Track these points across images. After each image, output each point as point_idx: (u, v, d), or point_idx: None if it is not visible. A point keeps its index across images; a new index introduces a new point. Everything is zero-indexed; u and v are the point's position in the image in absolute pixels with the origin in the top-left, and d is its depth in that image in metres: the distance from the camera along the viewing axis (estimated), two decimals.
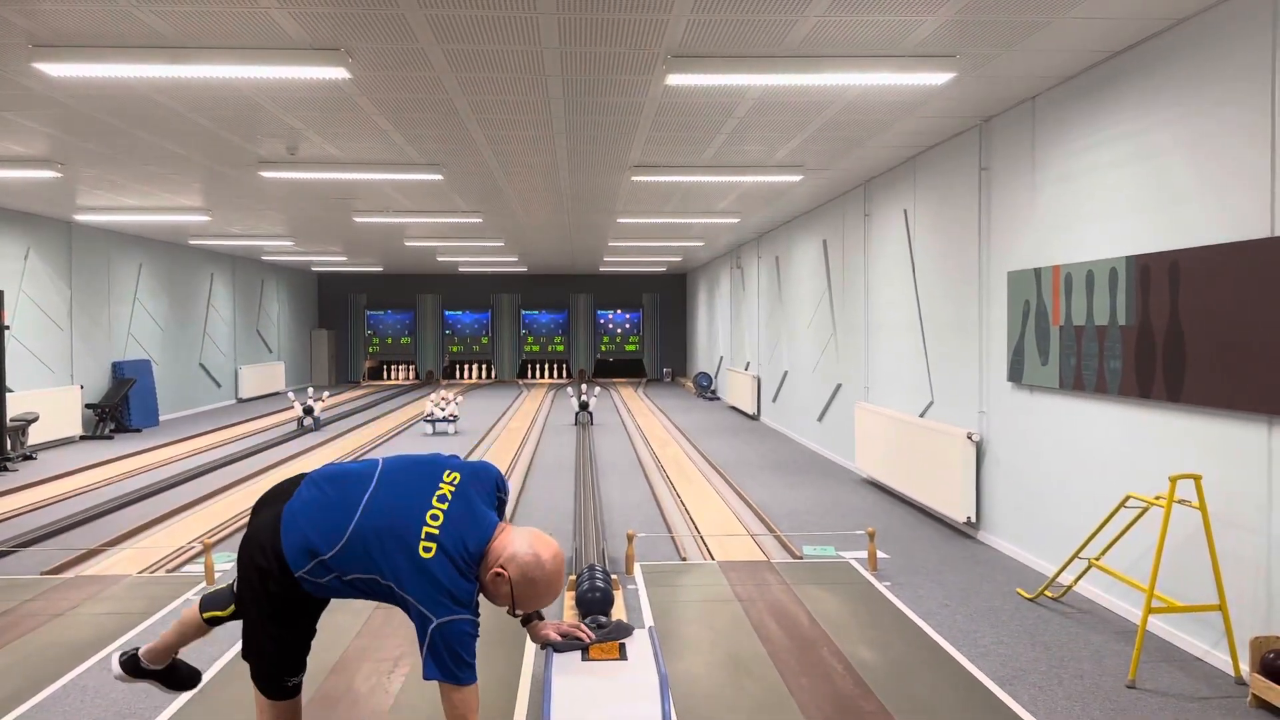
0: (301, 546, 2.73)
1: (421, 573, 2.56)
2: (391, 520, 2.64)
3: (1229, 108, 4.42)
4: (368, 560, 2.65)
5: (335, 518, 2.70)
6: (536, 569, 2.66)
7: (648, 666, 2.90)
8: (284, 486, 2.89)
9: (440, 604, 2.54)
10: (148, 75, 5.64)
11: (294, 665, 2.93)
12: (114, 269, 14.82)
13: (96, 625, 5.23)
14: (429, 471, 2.76)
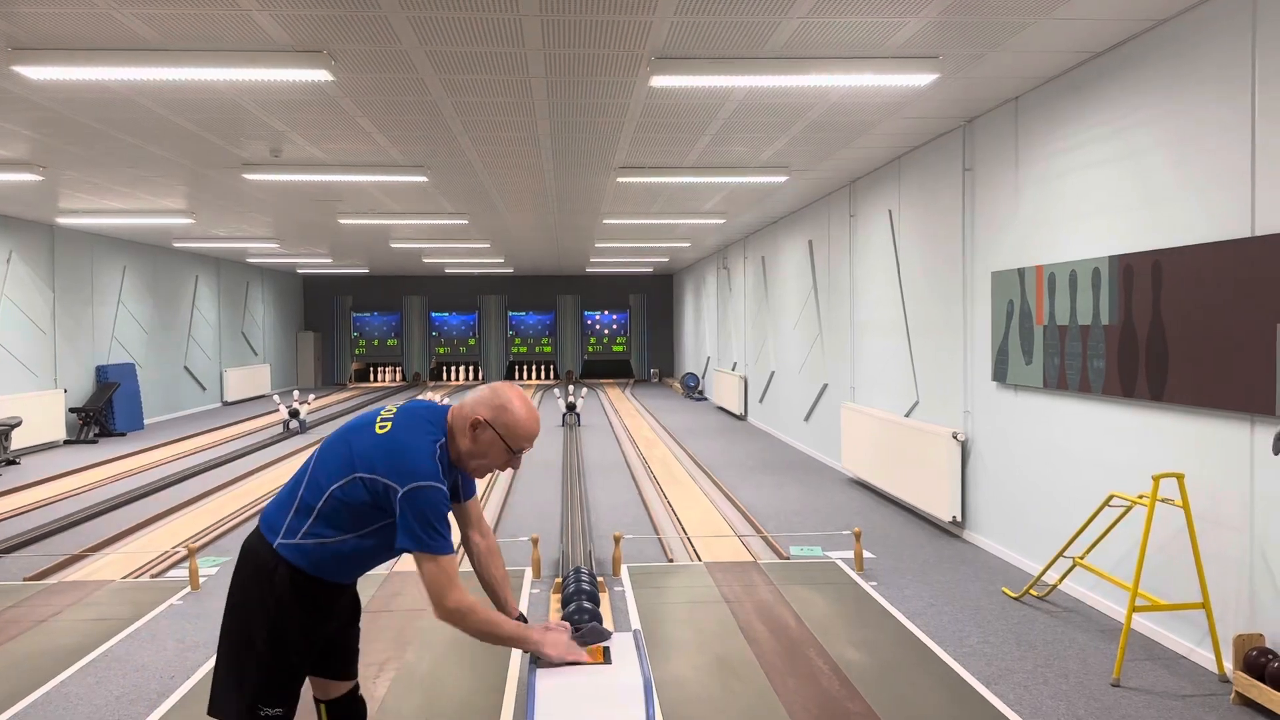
0: (272, 519, 2.54)
1: (380, 446, 2.45)
2: (336, 442, 2.55)
3: (1209, 108, 4.44)
4: (331, 469, 2.48)
5: (288, 485, 2.59)
6: (508, 402, 2.55)
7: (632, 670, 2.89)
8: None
9: (405, 475, 2.40)
10: (129, 78, 5.61)
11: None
12: (97, 272, 14.73)
13: (80, 631, 5.19)
14: (364, 420, 2.63)
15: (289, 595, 2.48)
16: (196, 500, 9.01)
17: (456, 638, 4.98)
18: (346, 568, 2.56)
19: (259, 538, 2.54)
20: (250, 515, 8.27)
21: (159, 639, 5.06)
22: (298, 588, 2.49)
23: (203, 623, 5.33)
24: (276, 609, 2.48)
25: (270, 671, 2.49)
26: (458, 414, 2.57)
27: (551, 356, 26.51)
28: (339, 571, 2.56)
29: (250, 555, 2.54)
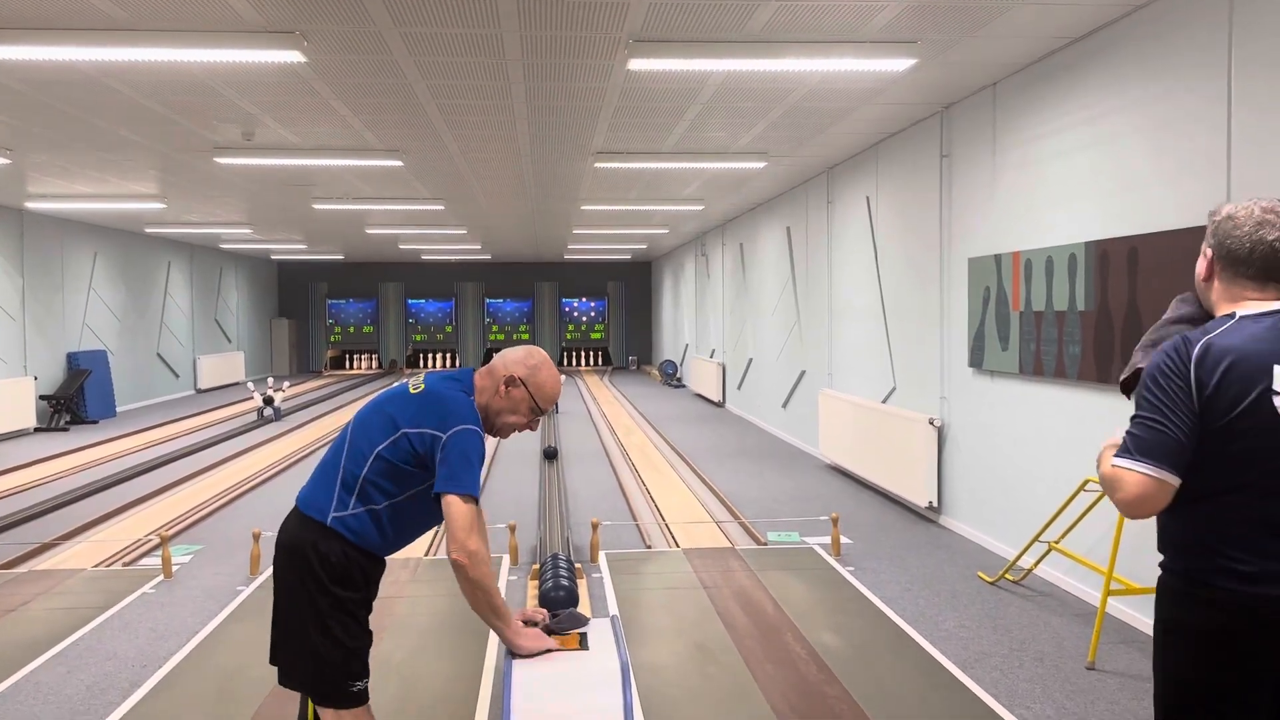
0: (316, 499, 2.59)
1: (422, 402, 2.58)
2: (372, 413, 2.64)
3: (1185, 94, 4.45)
4: (373, 434, 2.57)
5: (323, 465, 2.64)
6: (542, 362, 2.72)
7: (609, 655, 2.88)
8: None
9: (449, 419, 2.54)
10: (98, 59, 5.51)
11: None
12: (68, 258, 14.53)
13: (50, 621, 5.13)
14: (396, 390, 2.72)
15: (348, 568, 2.55)
16: (169, 488, 8.91)
17: (433, 626, 4.95)
18: (390, 537, 2.62)
19: (305, 523, 2.57)
20: (224, 503, 8.19)
21: (131, 628, 5.00)
22: (351, 560, 2.56)
23: (175, 611, 5.27)
24: (341, 585, 2.54)
25: (352, 643, 2.58)
26: (488, 374, 2.70)
27: (529, 344, 26.36)
28: (384, 543, 2.62)
29: (300, 546, 2.55)
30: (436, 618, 5.06)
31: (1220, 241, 2.08)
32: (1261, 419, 1.91)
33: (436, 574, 5.87)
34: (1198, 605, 2.00)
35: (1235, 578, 1.95)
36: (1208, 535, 1.99)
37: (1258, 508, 1.94)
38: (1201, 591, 1.99)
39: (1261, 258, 2.02)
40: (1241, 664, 1.96)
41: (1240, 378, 1.93)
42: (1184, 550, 2.04)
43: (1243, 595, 1.94)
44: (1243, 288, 2.06)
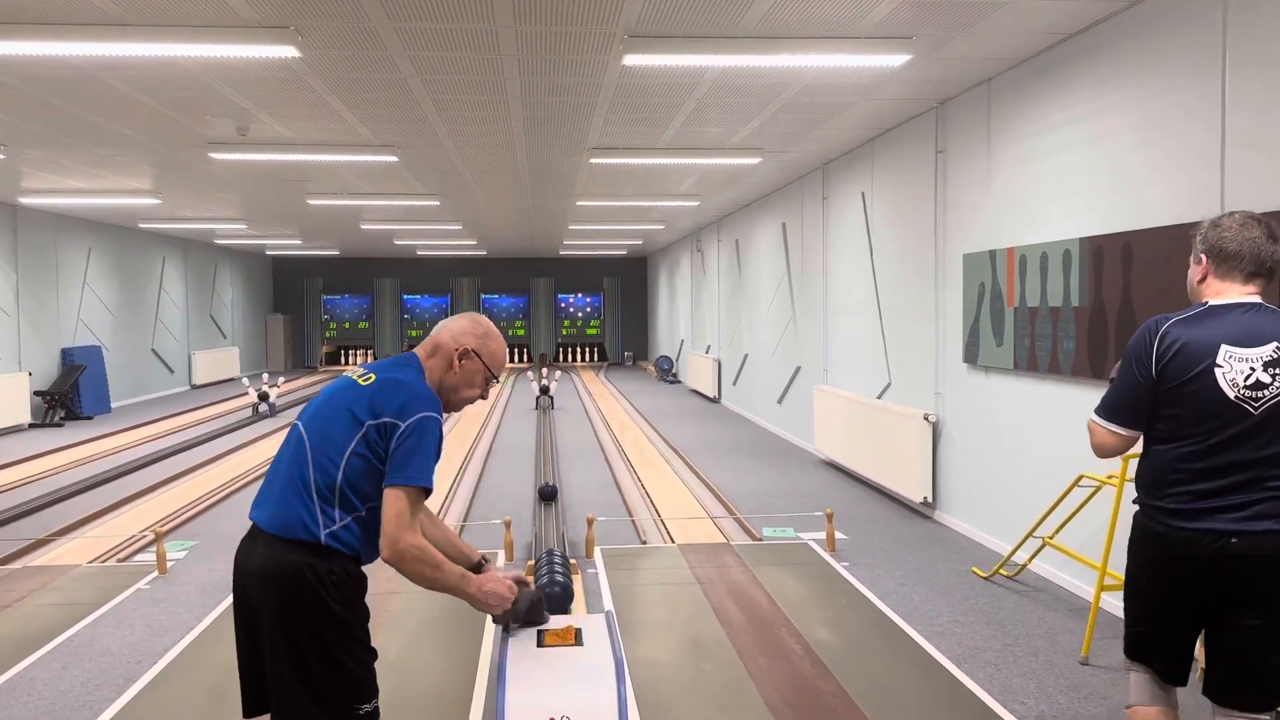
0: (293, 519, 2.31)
1: (377, 391, 2.37)
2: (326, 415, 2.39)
3: (1180, 91, 4.46)
4: (338, 436, 2.32)
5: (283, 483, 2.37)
6: (490, 329, 2.61)
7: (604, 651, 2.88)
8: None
9: (410, 406, 2.33)
10: (92, 54, 5.49)
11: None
12: (62, 253, 14.49)
13: (45, 617, 5.12)
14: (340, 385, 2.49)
15: (350, 585, 2.34)
16: (164, 484, 8.90)
17: (427, 621, 4.95)
18: (371, 543, 2.38)
19: (291, 547, 2.28)
20: (218, 499, 8.19)
21: (126, 624, 5.00)
22: (351, 576, 2.35)
23: (170, 607, 5.27)
24: (346, 606, 2.32)
25: (357, 668, 2.34)
26: (433, 350, 2.54)
27: (525, 339, 26.42)
28: (368, 550, 2.39)
29: (291, 573, 2.27)
30: (431, 613, 5.07)
31: (1213, 245, 2.58)
32: (1205, 386, 2.46)
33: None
34: (1148, 534, 2.60)
35: (1174, 513, 2.51)
36: (1159, 475, 2.55)
37: (1200, 460, 2.47)
38: (1151, 522, 2.58)
39: (1250, 253, 2.53)
40: (1183, 584, 2.53)
41: (1191, 353, 2.48)
42: (1143, 485, 2.62)
43: (1177, 528, 2.50)
44: (1233, 281, 2.55)
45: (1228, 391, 2.45)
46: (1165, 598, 2.59)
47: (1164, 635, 2.63)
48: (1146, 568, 2.64)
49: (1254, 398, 2.44)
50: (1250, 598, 2.47)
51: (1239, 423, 2.44)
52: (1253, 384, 2.44)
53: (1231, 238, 2.54)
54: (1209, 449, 2.46)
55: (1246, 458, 2.44)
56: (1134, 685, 2.74)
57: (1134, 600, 2.72)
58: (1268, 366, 2.44)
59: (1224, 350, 2.46)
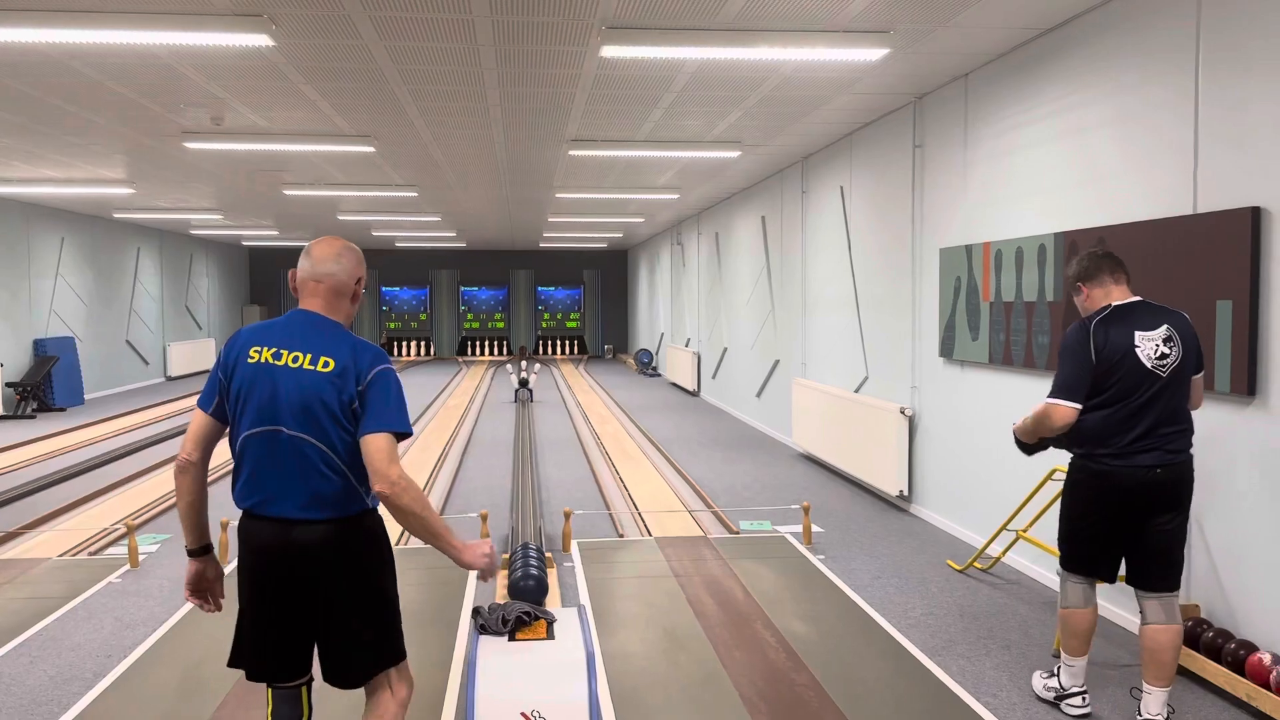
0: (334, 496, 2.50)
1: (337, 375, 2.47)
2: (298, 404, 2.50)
3: (1153, 86, 4.48)
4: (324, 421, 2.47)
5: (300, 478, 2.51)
6: (347, 248, 2.63)
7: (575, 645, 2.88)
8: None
9: (367, 364, 2.49)
10: (62, 40, 5.41)
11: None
12: (34, 243, 14.31)
13: (14, 610, 5.06)
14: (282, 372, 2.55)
15: (385, 532, 2.65)
16: (137, 477, 8.82)
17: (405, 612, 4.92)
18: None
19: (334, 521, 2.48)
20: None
21: (96, 617, 4.95)
22: (382, 525, 2.65)
23: (142, 600, 5.22)
24: (388, 548, 2.65)
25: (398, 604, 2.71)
26: (334, 295, 2.59)
27: (504, 332, 26.34)
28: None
29: (347, 539, 2.51)
30: (404, 609, 5.03)
31: (1078, 274, 3.64)
32: (1129, 363, 3.41)
33: (404, 564, 5.83)
34: (1091, 473, 3.51)
35: (1113, 456, 3.44)
36: (1100, 430, 3.46)
37: (1130, 417, 3.42)
38: (1094, 464, 3.49)
39: (1106, 263, 3.57)
40: (1119, 506, 3.47)
41: (1117, 341, 3.43)
42: (1087, 440, 3.50)
43: (1116, 466, 3.44)
44: (1108, 288, 3.56)
45: (1146, 364, 3.40)
46: (1106, 518, 3.50)
47: (1102, 549, 3.56)
48: (1090, 499, 3.53)
49: (1161, 366, 3.41)
50: (1166, 505, 3.45)
51: (1154, 386, 3.40)
52: (1159, 356, 3.41)
53: (1084, 261, 3.61)
54: (1138, 408, 3.40)
55: (1161, 410, 3.41)
56: (1070, 592, 3.65)
57: (1077, 528, 3.60)
58: (1165, 342, 3.42)
59: (1138, 335, 3.43)
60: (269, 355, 2.50)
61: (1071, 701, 3.71)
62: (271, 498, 2.50)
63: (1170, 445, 3.43)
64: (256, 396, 2.49)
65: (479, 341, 26.28)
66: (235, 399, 2.52)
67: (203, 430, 2.58)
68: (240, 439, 2.52)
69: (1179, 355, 3.42)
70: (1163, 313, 3.50)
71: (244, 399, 2.50)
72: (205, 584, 2.69)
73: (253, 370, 2.50)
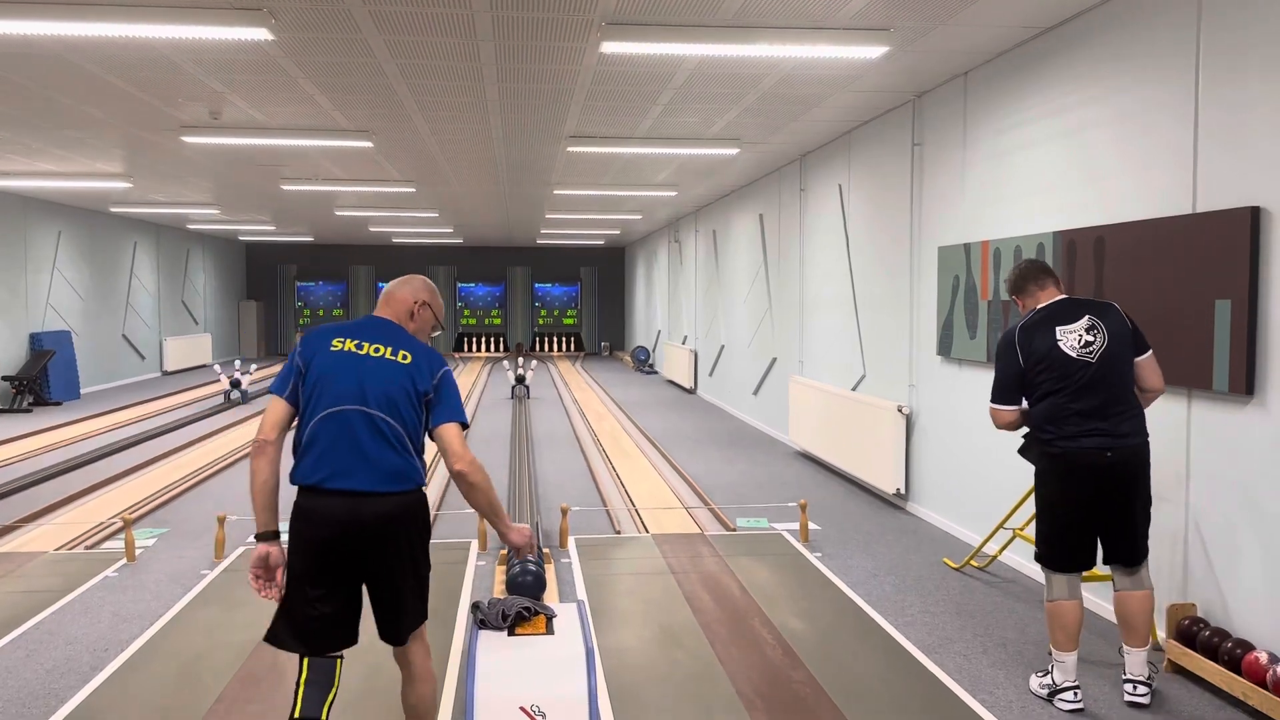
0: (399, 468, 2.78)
1: (415, 366, 2.85)
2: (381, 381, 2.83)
3: (1153, 86, 4.48)
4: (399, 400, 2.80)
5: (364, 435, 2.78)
6: (431, 283, 3.10)
7: (574, 641, 2.88)
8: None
9: (436, 364, 2.90)
10: (60, 33, 5.40)
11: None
12: (31, 237, 14.28)
13: (10, 604, 5.06)
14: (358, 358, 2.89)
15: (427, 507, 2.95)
16: (133, 471, 8.81)
17: None
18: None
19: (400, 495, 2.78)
20: (189, 487, 8.11)
21: (92, 611, 4.94)
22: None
23: (138, 595, 5.21)
24: (429, 523, 2.95)
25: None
26: (395, 308, 3.00)
27: (501, 329, 26.33)
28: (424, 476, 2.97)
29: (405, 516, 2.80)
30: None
31: (1009, 288, 4.03)
32: (1056, 355, 3.73)
33: None
34: (1051, 457, 3.77)
35: (1065, 439, 3.70)
36: (1050, 419, 3.74)
37: (1072, 403, 3.69)
38: (1050, 449, 3.76)
39: (1030, 272, 3.95)
40: (1082, 486, 3.72)
41: (1042, 337, 3.77)
42: (1040, 429, 3.79)
43: (1069, 448, 3.70)
44: (1035, 295, 3.92)
45: (1071, 354, 3.70)
46: (1073, 505, 3.74)
47: (1077, 538, 3.77)
48: (1055, 486, 3.78)
49: (1087, 354, 3.69)
50: (1122, 488, 3.70)
51: (1087, 372, 3.67)
52: (1083, 345, 3.69)
53: (1014, 271, 4.01)
54: (1074, 393, 3.68)
55: (1102, 395, 3.67)
56: (1055, 584, 3.80)
57: (1051, 520, 3.82)
58: (1088, 330, 3.72)
59: (1058, 330, 3.75)
60: (352, 345, 2.83)
61: (1063, 696, 3.76)
62: (343, 472, 2.73)
63: (1118, 429, 3.67)
64: (340, 380, 2.78)
65: (476, 338, 26.26)
66: (315, 383, 2.79)
67: (280, 414, 2.80)
68: (315, 419, 2.76)
69: (1104, 341, 3.70)
70: (1086, 305, 3.83)
71: (325, 382, 2.78)
72: (270, 568, 2.81)
73: (336, 357, 2.81)
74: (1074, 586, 3.77)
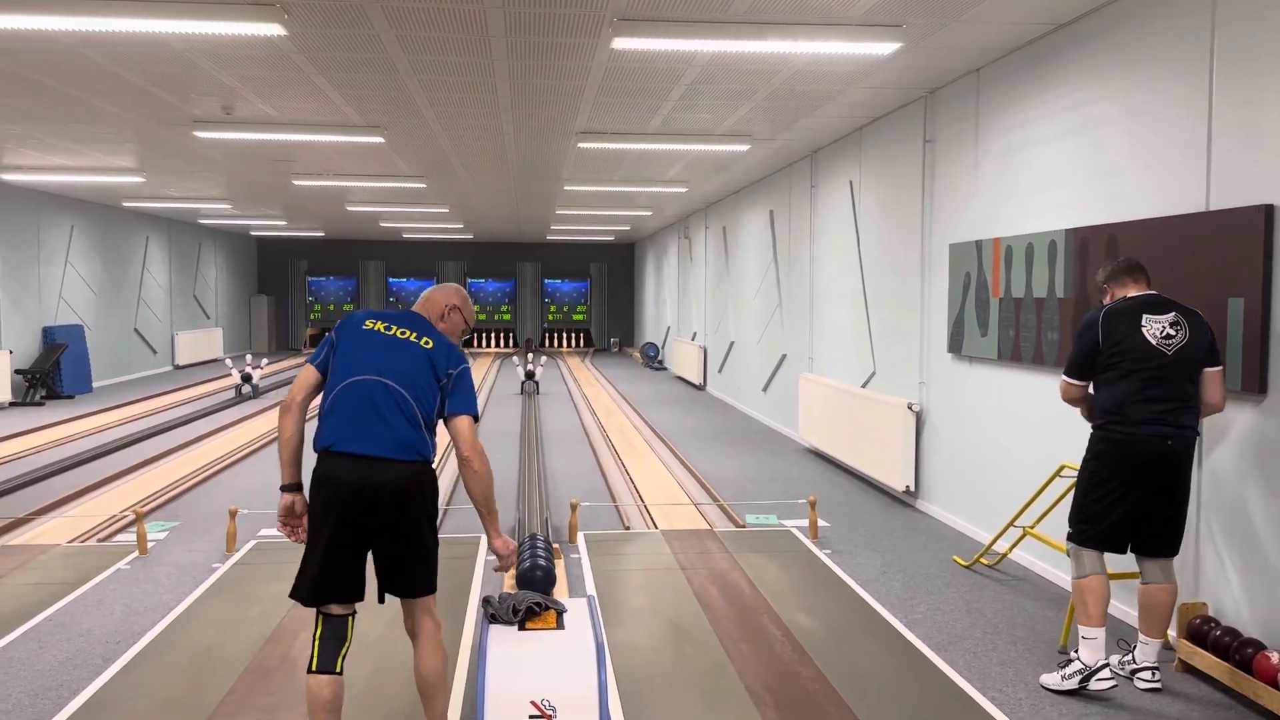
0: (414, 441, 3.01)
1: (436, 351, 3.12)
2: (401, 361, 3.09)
3: (1166, 82, 4.46)
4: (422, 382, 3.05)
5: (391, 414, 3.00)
6: (456, 289, 3.38)
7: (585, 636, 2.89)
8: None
9: (457, 358, 3.16)
10: (74, 28, 5.42)
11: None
12: (44, 231, 14.35)
13: (23, 596, 5.09)
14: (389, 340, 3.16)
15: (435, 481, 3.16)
16: (145, 464, 8.86)
17: None
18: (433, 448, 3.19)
19: (410, 464, 2.98)
20: (200, 480, 8.15)
21: (105, 604, 4.97)
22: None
23: (150, 587, 5.24)
24: (435, 496, 3.15)
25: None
26: (429, 308, 3.28)
27: (511, 324, 26.36)
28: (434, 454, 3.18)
29: (410, 484, 2.98)
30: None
31: (1105, 278, 4.10)
32: (1136, 341, 3.82)
33: None
34: (1112, 441, 3.87)
35: (1130, 424, 3.81)
36: (1118, 403, 3.85)
37: (1144, 389, 3.79)
38: (1112, 434, 3.87)
39: (1126, 266, 4.03)
40: (1130, 470, 3.81)
41: (1126, 323, 3.86)
42: (1104, 411, 3.90)
43: (1134, 433, 3.80)
44: (1126, 286, 4.00)
45: (1151, 341, 3.79)
46: (1121, 486, 3.82)
47: (1119, 519, 3.84)
48: (1108, 467, 3.86)
49: (1166, 345, 3.78)
50: (1175, 476, 3.80)
51: (1160, 361, 3.77)
52: (1165, 336, 3.78)
53: (1112, 265, 4.09)
54: (1146, 381, 3.78)
55: (1168, 387, 3.76)
56: (1088, 560, 3.92)
57: (1095, 498, 3.90)
58: (1172, 325, 3.79)
59: (1145, 316, 3.84)
60: (381, 326, 3.11)
61: (1100, 676, 3.78)
62: (357, 437, 2.95)
63: (1178, 420, 3.78)
64: (365, 354, 3.04)
65: (485, 333, 26.30)
66: (344, 355, 3.05)
67: (309, 380, 3.10)
68: (338, 387, 3.00)
69: (1185, 338, 3.77)
70: (1176, 304, 3.89)
71: (352, 355, 3.04)
72: (295, 516, 3.11)
73: (365, 334, 3.09)
74: (1103, 563, 3.91)
